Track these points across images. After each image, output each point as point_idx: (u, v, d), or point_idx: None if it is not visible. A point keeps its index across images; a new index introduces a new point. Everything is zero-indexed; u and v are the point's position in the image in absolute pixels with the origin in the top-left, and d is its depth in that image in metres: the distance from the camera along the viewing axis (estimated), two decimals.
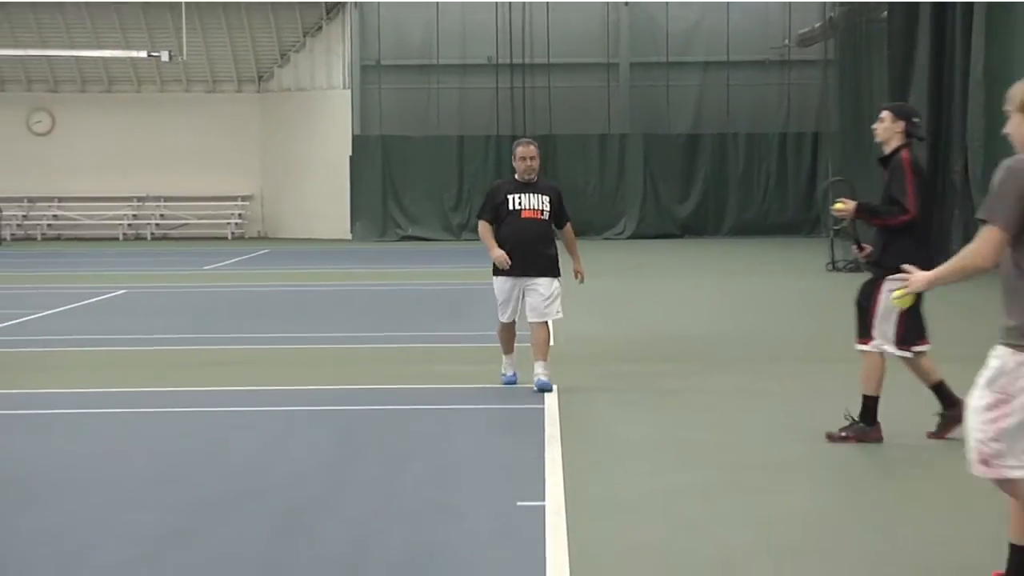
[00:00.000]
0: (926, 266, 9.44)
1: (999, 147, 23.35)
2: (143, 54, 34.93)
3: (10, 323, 17.24)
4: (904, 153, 9.41)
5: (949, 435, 9.21)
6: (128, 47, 35.89)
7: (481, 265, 12.68)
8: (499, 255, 11.46)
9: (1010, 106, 5.76)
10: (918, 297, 8.68)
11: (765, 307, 18.66)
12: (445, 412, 10.78)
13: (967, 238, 23.62)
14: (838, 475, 8.69)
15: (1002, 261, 5.67)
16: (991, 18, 23.48)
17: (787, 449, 9.20)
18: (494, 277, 11.68)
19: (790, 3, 35.56)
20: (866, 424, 9.30)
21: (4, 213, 37.47)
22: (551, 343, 11.76)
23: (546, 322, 11.61)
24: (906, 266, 6.26)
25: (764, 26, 35.90)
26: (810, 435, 9.42)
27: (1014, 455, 5.49)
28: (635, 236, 35.34)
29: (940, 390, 9.38)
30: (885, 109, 9.65)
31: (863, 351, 9.37)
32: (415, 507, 7.62)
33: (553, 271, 11.60)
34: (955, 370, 5.96)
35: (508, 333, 11.75)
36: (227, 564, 6.54)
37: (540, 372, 11.40)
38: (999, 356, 5.59)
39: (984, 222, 5.56)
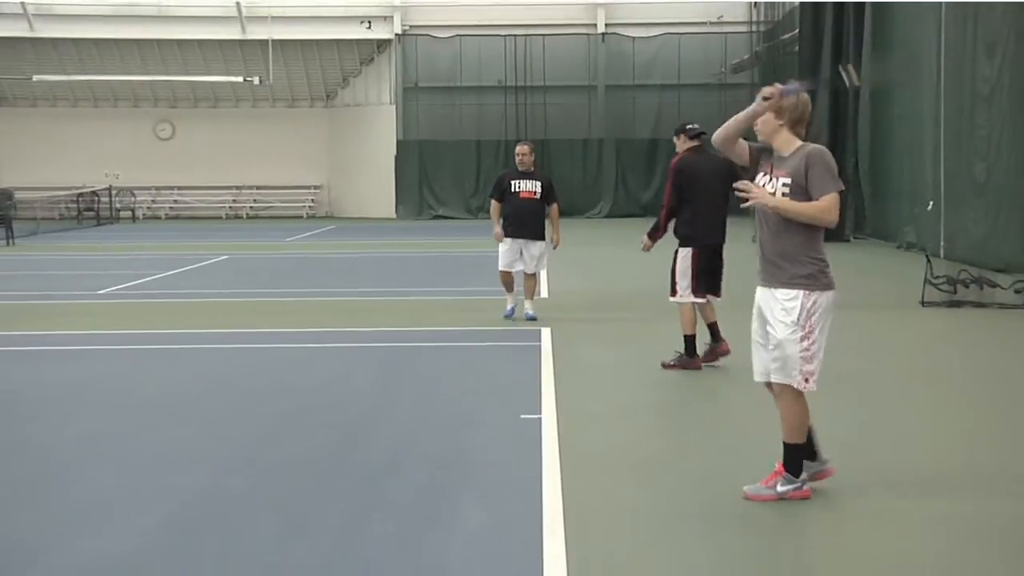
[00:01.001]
0: (709, 232, 9.43)
1: (881, 149, 23.34)
2: (240, 79, 35.10)
3: (143, 280, 17.25)
4: (673, 161, 9.39)
5: (709, 363, 9.29)
6: (229, 74, 35.80)
7: (493, 237, 12.67)
8: (497, 233, 12.23)
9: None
10: (714, 264, 9.28)
11: None
12: (464, 348, 10.74)
13: (857, 217, 23.67)
14: (755, 397, 8.67)
15: (782, 223, 5.43)
16: (875, 54, 23.65)
17: (722, 375, 9.18)
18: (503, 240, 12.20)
19: (726, 40, 35.35)
20: (689, 356, 9.29)
21: (137, 198, 37.43)
22: (540, 294, 12.25)
23: (535, 273, 12.24)
24: (744, 183, 5.60)
25: (706, 58, 35.65)
26: (733, 364, 9.39)
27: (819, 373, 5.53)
28: (609, 215, 35.17)
29: (713, 328, 9.43)
30: (674, 134, 9.49)
31: (677, 303, 9.41)
32: (442, 419, 7.62)
33: (543, 236, 12.19)
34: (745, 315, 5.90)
35: (508, 279, 12.23)
36: (305, 461, 6.53)
37: (528, 308, 12.13)
38: (795, 298, 5.42)
39: (830, 191, 5.40)
